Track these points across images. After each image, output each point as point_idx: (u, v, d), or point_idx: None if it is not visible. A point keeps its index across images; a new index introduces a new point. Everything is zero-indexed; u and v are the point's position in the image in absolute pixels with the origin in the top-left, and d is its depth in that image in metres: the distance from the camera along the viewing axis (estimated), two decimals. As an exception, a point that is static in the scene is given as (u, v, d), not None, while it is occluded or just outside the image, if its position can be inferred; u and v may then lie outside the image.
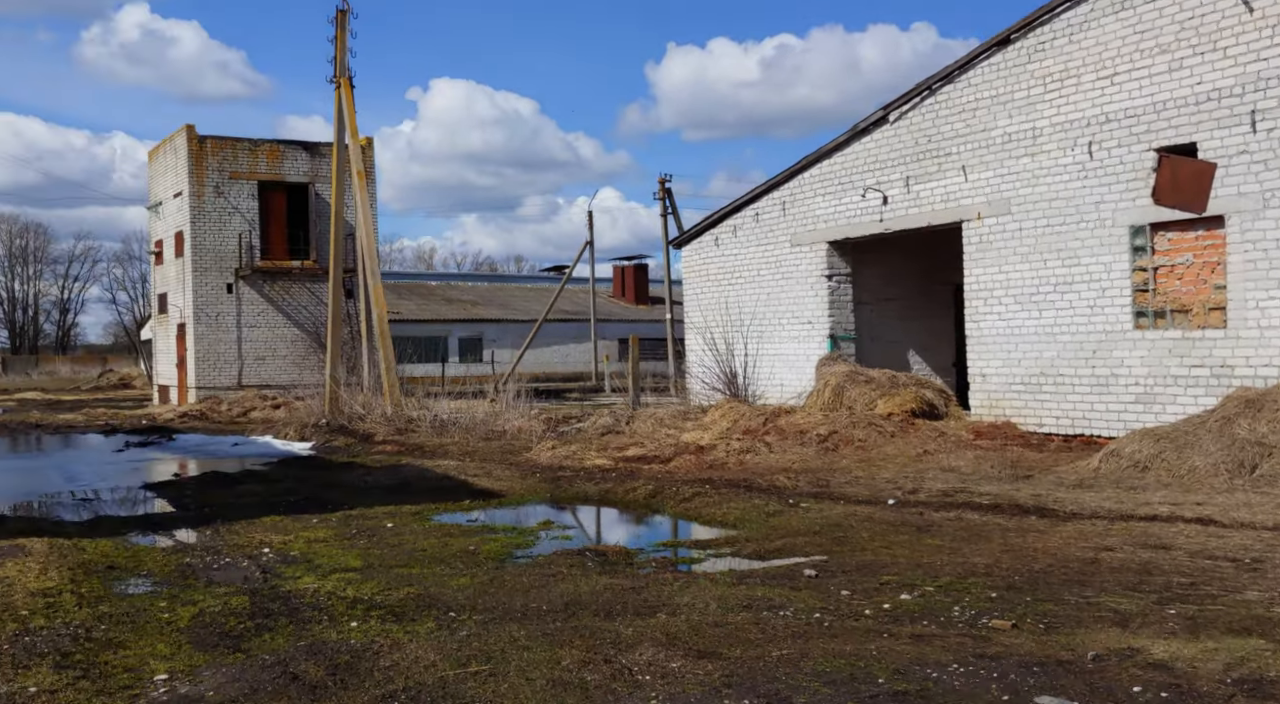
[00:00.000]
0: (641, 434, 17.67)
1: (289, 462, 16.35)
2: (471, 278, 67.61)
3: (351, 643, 5.69)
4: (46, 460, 17.37)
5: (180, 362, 33.23)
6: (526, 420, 21.13)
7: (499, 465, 14.78)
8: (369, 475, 13.16)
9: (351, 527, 9.88)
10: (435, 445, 17.85)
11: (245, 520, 10.21)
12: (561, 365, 55.38)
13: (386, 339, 22.48)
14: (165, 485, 13.27)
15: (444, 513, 10.94)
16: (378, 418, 21.03)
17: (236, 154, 32.57)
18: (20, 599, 6.64)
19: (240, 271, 32.30)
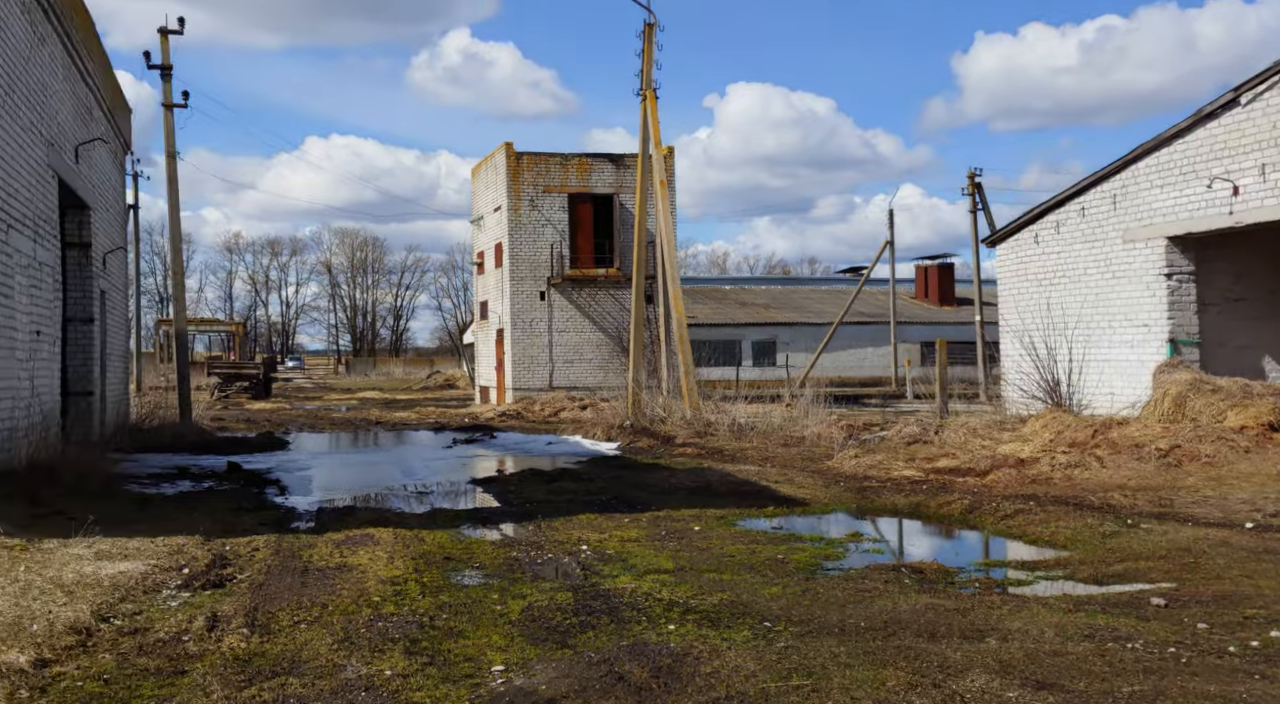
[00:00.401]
0: (952, 444, 16.93)
1: (597, 461, 16.97)
2: (764, 281, 67.77)
3: (671, 646, 5.73)
4: (386, 455, 19.01)
5: (499, 364, 35.50)
6: (825, 426, 20.82)
7: (800, 472, 14.62)
8: (673, 477, 13.39)
9: (660, 528, 10.05)
10: (734, 449, 17.94)
11: (563, 517, 10.64)
12: (858, 370, 54.37)
13: (685, 344, 22.89)
14: (489, 481, 14.13)
15: (748, 518, 10.92)
16: (677, 421, 21.45)
17: (549, 168, 34.39)
18: (373, 586, 7.22)
19: (551, 280, 34.07)
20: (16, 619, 5.96)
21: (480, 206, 38.05)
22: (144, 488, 12.75)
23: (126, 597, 6.68)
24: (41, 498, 10.16)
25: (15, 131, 11.84)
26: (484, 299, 37.98)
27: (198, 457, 17.66)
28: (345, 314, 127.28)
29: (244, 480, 13.82)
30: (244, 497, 12.15)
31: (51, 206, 13.93)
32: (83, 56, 16.14)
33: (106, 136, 19.03)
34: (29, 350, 12.29)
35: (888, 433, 18.99)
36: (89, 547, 8.10)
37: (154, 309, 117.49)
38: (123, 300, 21.75)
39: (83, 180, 16.52)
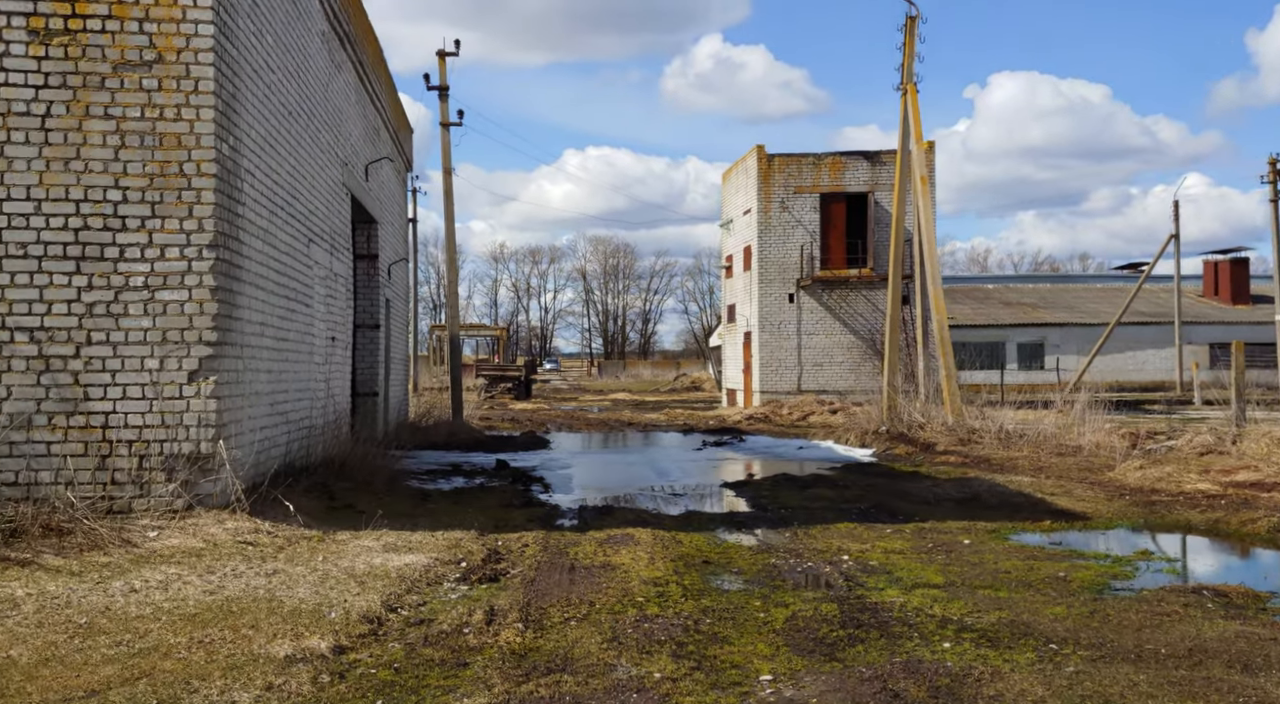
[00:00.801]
0: (1254, 456, 15.39)
1: (851, 467, 16.58)
2: (1031, 279, 64.29)
3: (948, 665, 5.44)
4: (639, 456, 19.39)
5: (746, 367, 35.52)
6: (1104, 434, 19.44)
7: (1077, 484, 13.68)
8: (936, 487, 12.86)
9: (926, 540, 9.65)
10: (1002, 459, 17.04)
11: (820, 525, 10.43)
12: (1136, 373, 50.58)
13: (947, 346, 22.01)
14: (741, 485, 14.09)
15: (1022, 532, 10.30)
16: (938, 427, 20.64)
17: (801, 169, 34.07)
18: (636, 586, 7.31)
19: (801, 282, 33.72)
20: (317, 606, 6.43)
21: (729, 210, 38.22)
22: (422, 484, 13.57)
23: (412, 588, 7.08)
24: (335, 492, 11.00)
25: (315, 153, 12.91)
26: (732, 302, 38.12)
27: (469, 454, 18.65)
28: (598, 318, 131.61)
29: (511, 478, 14.44)
30: (512, 494, 12.67)
31: (345, 221, 15.11)
32: (372, 81, 17.43)
33: (392, 155, 20.48)
34: (325, 355, 13.36)
35: (1176, 442, 17.50)
36: (376, 539, 8.67)
37: (428, 315, 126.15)
38: (403, 307, 23.35)
39: (371, 197, 17.84)
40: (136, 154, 8.74)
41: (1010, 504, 11.88)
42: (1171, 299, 48.48)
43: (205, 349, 8.80)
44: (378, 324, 18.65)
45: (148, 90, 8.75)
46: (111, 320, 8.70)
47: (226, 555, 7.82)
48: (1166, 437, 18.62)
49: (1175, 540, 10.28)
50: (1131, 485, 13.42)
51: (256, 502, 9.11)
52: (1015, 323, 51.76)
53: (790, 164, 34.06)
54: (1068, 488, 13.08)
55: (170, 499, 8.68)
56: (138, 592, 6.71)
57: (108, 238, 8.71)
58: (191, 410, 8.75)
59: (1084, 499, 12.22)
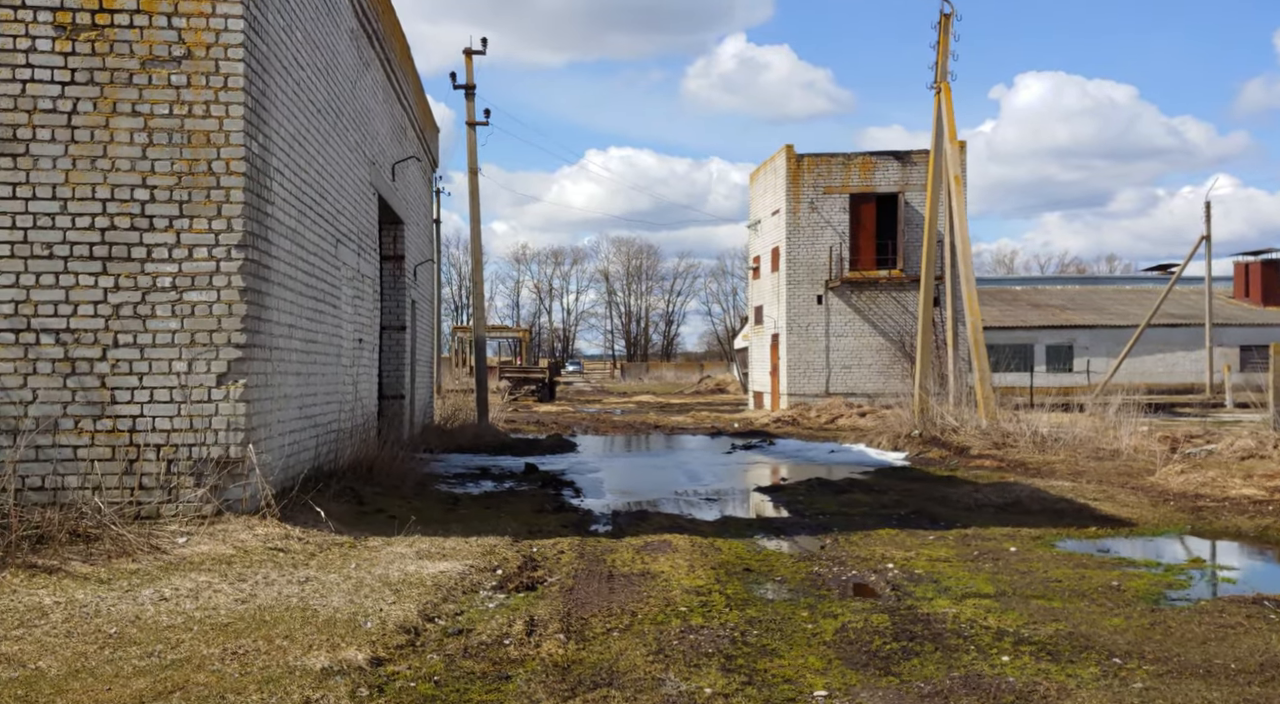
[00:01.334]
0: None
1: (885, 472, 16.30)
2: (1059, 280, 63.65)
3: (1010, 680, 5.20)
4: (668, 459, 19.15)
5: (773, 370, 35.22)
6: (1140, 439, 19.08)
7: (1119, 489, 13.36)
8: (976, 492, 12.58)
9: (971, 547, 9.38)
10: (1039, 463, 16.71)
11: (860, 532, 10.18)
12: (1167, 376, 49.93)
13: (981, 348, 21.67)
14: (776, 489, 13.84)
15: (1068, 539, 10.01)
16: (971, 431, 20.30)
17: (830, 169, 33.75)
18: (678, 596, 7.09)
19: (829, 283, 33.41)
20: (352, 616, 6.24)
21: (757, 211, 37.95)
22: (451, 488, 13.40)
23: (448, 597, 6.88)
24: (364, 496, 10.83)
25: (343, 152, 12.77)
26: (759, 304, 37.83)
27: (496, 457, 18.48)
28: (620, 320, 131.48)
29: (541, 482, 14.25)
30: (543, 498, 12.48)
31: (372, 222, 14.97)
32: (399, 79, 17.30)
33: (419, 155, 20.34)
34: (353, 357, 13.21)
35: (1216, 446, 17.12)
36: (410, 546, 8.49)
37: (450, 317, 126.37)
38: (429, 309, 23.22)
39: (398, 197, 17.70)
40: (165, 152, 8.60)
41: (1053, 510, 11.58)
42: (1201, 301, 47.84)
43: (234, 351, 8.64)
44: (404, 326, 18.51)
45: (176, 86, 8.61)
46: (139, 322, 8.56)
47: (257, 562, 7.65)
48: (1205, 440, 18.24)
49: (1226, 548, 9.97)
50: (1175, 490, 13.09)
51: (286, 507, 8.95)
52: (1044, 325, 51.21)
53: (819, 164, 33.75)
54: (1110, 493, 12.77)
55: (199, 504, 8.52)
56: (168, 600, 6.55)
57: (135, 238, 8.57)
58: (220, 414, 8.60)
59: (1128, 505, 11.91)
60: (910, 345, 33.14)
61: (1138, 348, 44.98)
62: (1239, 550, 9.92)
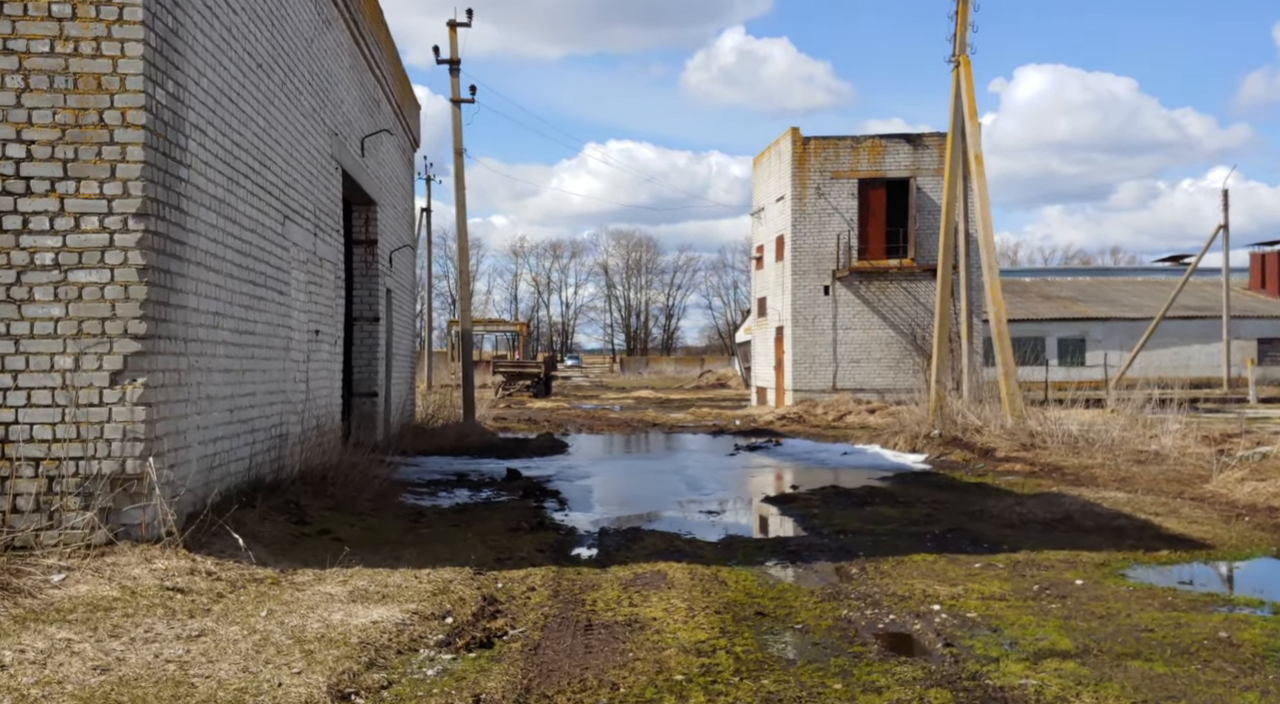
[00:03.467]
0: (1364, 465, 13.47)
1: (906, 478, 14.73)
2: (1071, 272, 62.05)
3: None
4: (666, 462, 17.57)
5: (778, 364, 33.63)
6: (1180, 439, 17.50)
7: (1178, 499, 11.78)
8: (1019, 505, 10.98)
9: (1027, 579, 7.80)
10: (1074, 467, 15.13)
11: (891, 557, 8.60)
12: (1182, 370, 48.21)
13: (1005, 341, 20.09)
14: (786, 500, 12.25)
15: (1138, 566, 8.43)
16: (995, 430, 18.72)
17: (838, 153, 32.11)
18: (673, 656, 5.51)
19: (837, 273, 31.79)
20: (239, 694, 4.66)
21: (761, 198, 36.31)
22: (419, 498, 11.82)
23: (375, 660, 5.31)
24: (308, 513, 9.26)
25: (294, 116, 11.17)
26: (762, 295, 36.21)
27: (479, 460, 16.91)
28: (620, 314, 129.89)
29: (522, 491, 12.67)
30: (521, 512, 10.91)
31: (334, 199, 13.37)
32: (369, 44, 15.69)
33: (394, 130, 18.72)
34: (306, 351, 11.63)
35: (1270, 449, 15.54)
36: (344, 583, 6.90)
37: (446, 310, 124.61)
38: (410, 300, 21.62)
39: (369, 175, 16.10)
40: (45, 99, 7.01)
41: (1110, 528, 10.00)
42: (1215, 292, 46.25)
43: (132, 344, 7.05)
44: (377, 317, 16.92)
45: (59, 18, 7.01)
46: (13, 308, 6.98)
47: (144, 609, 6.07)
48: (1255, 441, 16.66)
49: (1330, 578, 8.41)
50: (1243, 503, 11.50)
51: (199, 532, 7.36)
52: (1055, 317, 49.60)
53: (827, 147, 32.10)
54: (1171, 506, 11.18)
55: (86, 532, 6.94)
56: (5, 669, 4.98)
57: (8, 204, 6.99)
58: (114, 420, 7.01)
59: (1196, 521, 10.33)
60: (922, 339, 31.56)
61: (1152, 341, 43.36)
62: (1343, 581, 8.36)
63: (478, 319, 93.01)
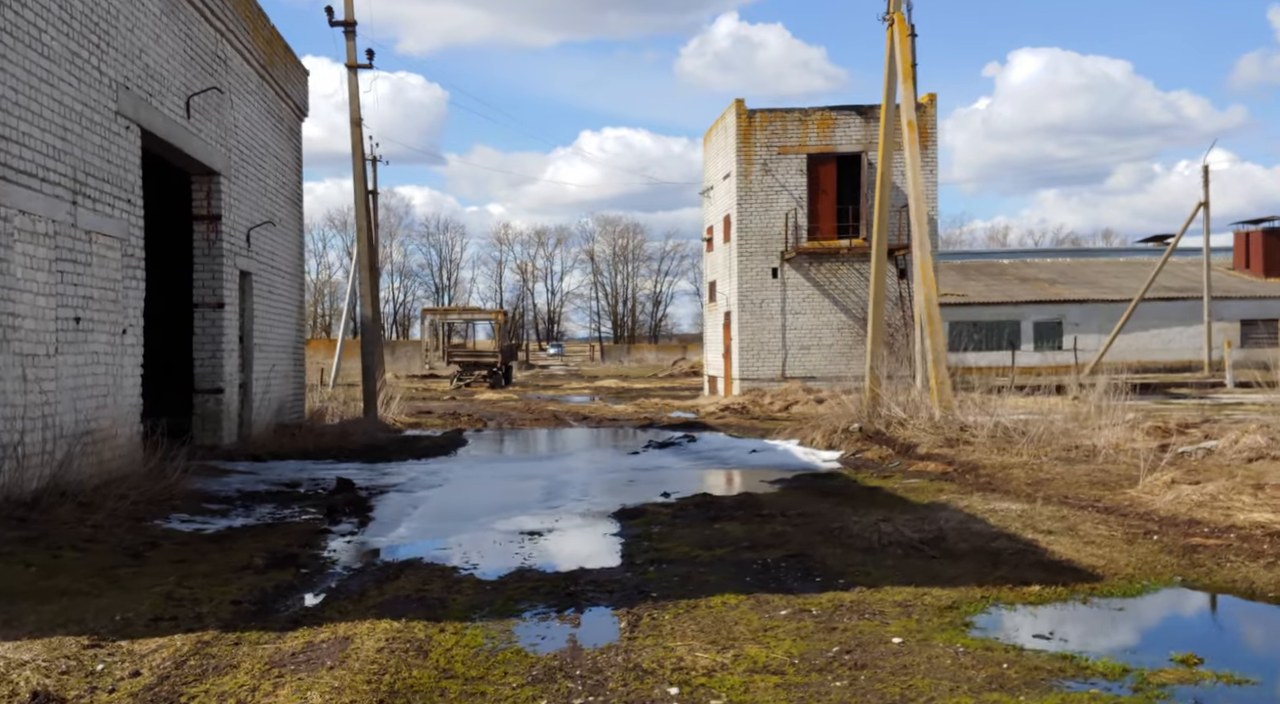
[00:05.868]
0: (1317, 464, 11.73)
1: (802, 481, 12.97)
2: (1050, 253, 60.16)
3: None
4: (552, 465, 15.77)
5: (726, 351, 31.84)
6: (1126, 430, 15.73)
7: (1088, 511, 10.00)
8: (886, 521, 9.17)
9: (835, 634, 6.01)
10: (993, 467, 13.35)
11: (687, 601, 6.81)
12: (1162, 353, 46.54)
13: (935, 325, 18.29)
14: (636, 515, 10.44)
15: (995, 608, 6.66)
16: (922, 423, 16.94)
17: (786, 126, 30.22)
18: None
19: (785, 254, 29.96)
20: None
21: (710, 175, 34.44)
22: (191, 520, 10.00)
23: None
24: None
25: (31, 58, 9.33)
26: (712, 279, 34.39)
27: (338, 464, 15.12)
28: (607, 301, 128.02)
29: (328, 507, 10.86)
30: (296, 536, 9.15)
31: (122, 163, 11.52)
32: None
33: (252, 92, 16.80)
34: (53, 343, 9.80)
35: (1217, 443, 13.78)
36: None
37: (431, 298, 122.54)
38: (290, 284, 19.77)
39: (202, 140, 14.26)
40: None
41: (985, 552, 8.21)
42: (1199, 273, 44.41)
43: None
44: (222, 302, 15.11)
45: None
46: None
47: None
48: (1203, 433, 14.89)
49: (1232, 624, 6.65)
50: (1162, 513, 9.72)
51: None
52: (1032, 300, 47.77)
53: (773, 120, 30.21)
54: (1071, 520, 9.38)
55: None
56: None
57: None
58: None
59: (1093, 541, 8.54)
60: (874, 323, 29.71)
61: (1132, 323, 41.56)
62: (1256, 630, 6.58)
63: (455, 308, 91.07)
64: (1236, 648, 6.09)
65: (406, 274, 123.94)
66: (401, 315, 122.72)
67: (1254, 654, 5.97)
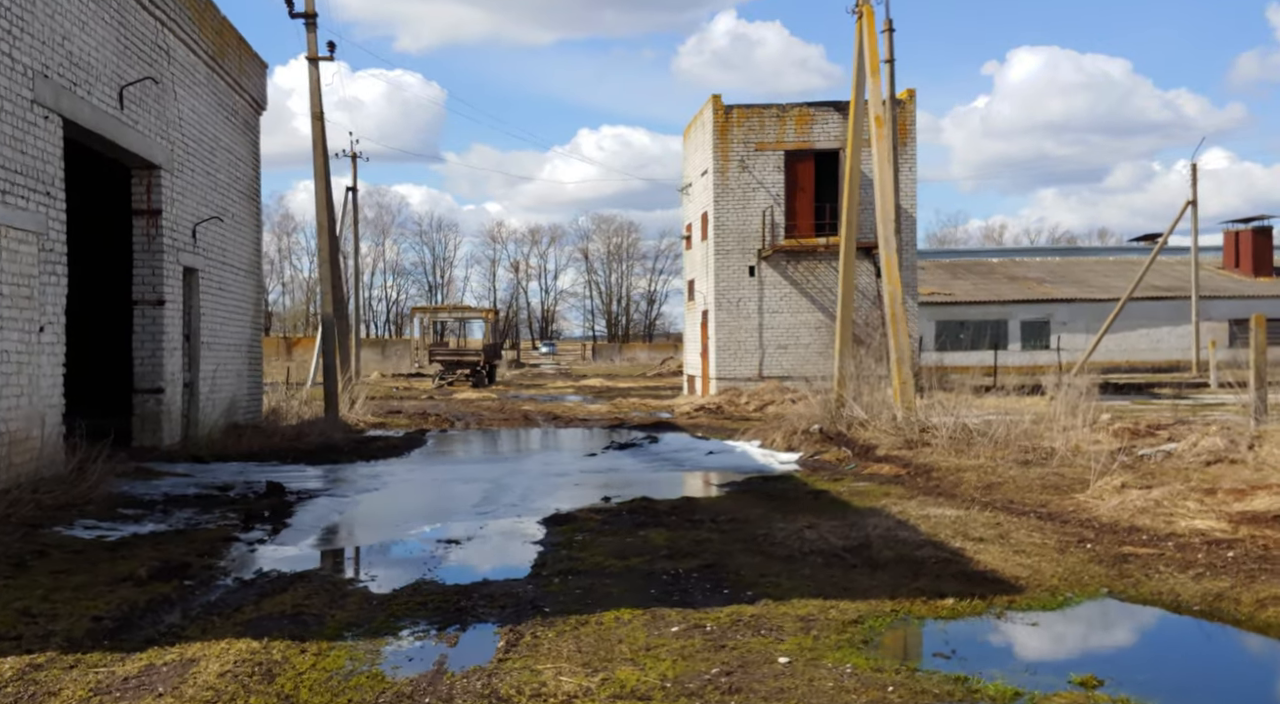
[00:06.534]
0: (1275, 467, 11.40)
1: (750, 485, 12.60)
2: (1040, 252, 59.76)
3: None
4: (500, 467, 15.39)
5: (703, 351, 31.47)
6: (1090, 432, 15.40)
7: (1028, 517, 9.64)
8: (811, 528, 8.81)
9: (722, 653, 5.66)
10: (947, 469, 13.00)
11: (580, 615, 6.46)
12: (1151, 353, 46.21)
13: (898, 324, 17.93)
14: (566, 521, 10.07)
15: (900, 623, 6.32)
16: (884, 424, 16.59)
17: (763, 122, 29.86)
18: None
19: (762, 252, 29.60)
20: None
21: (689, 173, 34.07)
22: (104, 524, 9.62)
23: None
24: None
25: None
26: (691, 277, 34.03)
27: (280, 467, 14.75)
28: (601, 300, 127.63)
29: (251, 512, 10.49)
30: (208, 541, 8.82)
31: (41, 156, 11.15)
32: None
33: (197, 83, 16.42)
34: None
35: (1177, 445, 13.43)
36: None
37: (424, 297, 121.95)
38: (246, 281, 19.39)
39: (139, 131, 13.89)
40: None
41: (908, 561, 7.85)
42: (1189, 272, 44.01)
43: None
44: (162, 299, 14.74)
45: None
46: None
47: None
48: (1168, 437, 14.53)
49: (1151, 643, 6.29)
50: (1103, 520, 9.36)
51: None
52: (1019, 299, 47.43)
53: (751, 116, 29.85)
54: (1007, 527, 9.02)
55: None
56: None
57: None
58: None
59: (1023, 550, 8.18)
60: (854, 322, 29.34)
61: (1121, 323, 41.22)
62: (1169, 644, 6.23)
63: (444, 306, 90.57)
64: (1144, 667, 5.72)
65: (400, 272, 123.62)
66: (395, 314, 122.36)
67: (1161, 674, 5.61)
